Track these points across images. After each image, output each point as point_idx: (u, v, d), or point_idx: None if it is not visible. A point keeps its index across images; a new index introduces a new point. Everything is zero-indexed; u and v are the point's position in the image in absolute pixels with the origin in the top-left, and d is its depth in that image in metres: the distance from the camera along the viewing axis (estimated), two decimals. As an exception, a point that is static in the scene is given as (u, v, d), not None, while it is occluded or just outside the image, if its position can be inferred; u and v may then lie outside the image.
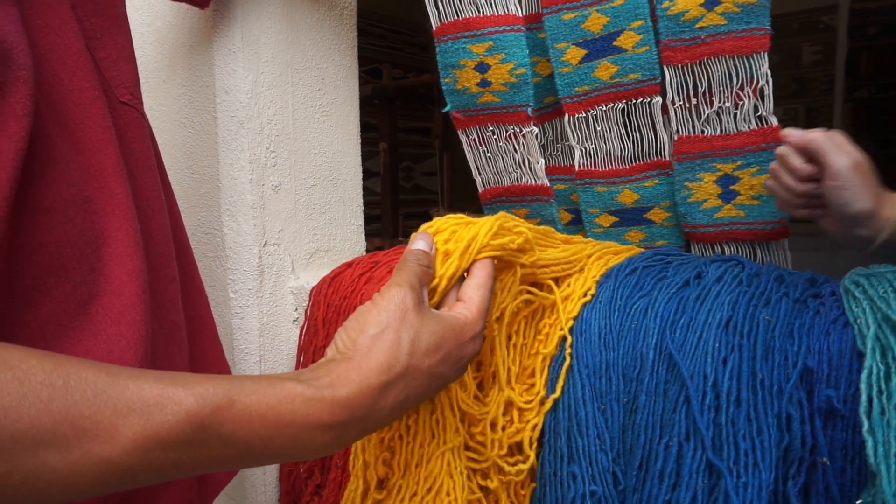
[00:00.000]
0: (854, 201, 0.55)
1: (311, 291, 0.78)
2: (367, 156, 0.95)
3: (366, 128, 0.91)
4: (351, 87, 0.90)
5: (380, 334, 0.41)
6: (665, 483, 0.44)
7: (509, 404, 0.54)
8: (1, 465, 0.28)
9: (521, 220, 0.55)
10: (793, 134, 0.60)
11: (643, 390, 0.48)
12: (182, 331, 0.57)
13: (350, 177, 0.89)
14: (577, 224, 0.82)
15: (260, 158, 0.78)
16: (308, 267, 0.85)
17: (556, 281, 0.57)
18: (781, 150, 0.61)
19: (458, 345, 0.45)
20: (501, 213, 0.52)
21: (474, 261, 0.48)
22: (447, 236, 0.50)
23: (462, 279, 0.49)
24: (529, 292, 0.55)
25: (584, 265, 0.59)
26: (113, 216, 0.48)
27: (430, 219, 0.52)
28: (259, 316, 0.80)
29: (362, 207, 0.90)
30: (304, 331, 0.77)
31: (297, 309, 0.82)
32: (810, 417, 0.42)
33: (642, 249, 0.68)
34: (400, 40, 4.31)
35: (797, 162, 0.59)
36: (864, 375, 0.39)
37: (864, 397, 0.38)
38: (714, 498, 0.41)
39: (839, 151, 0.56)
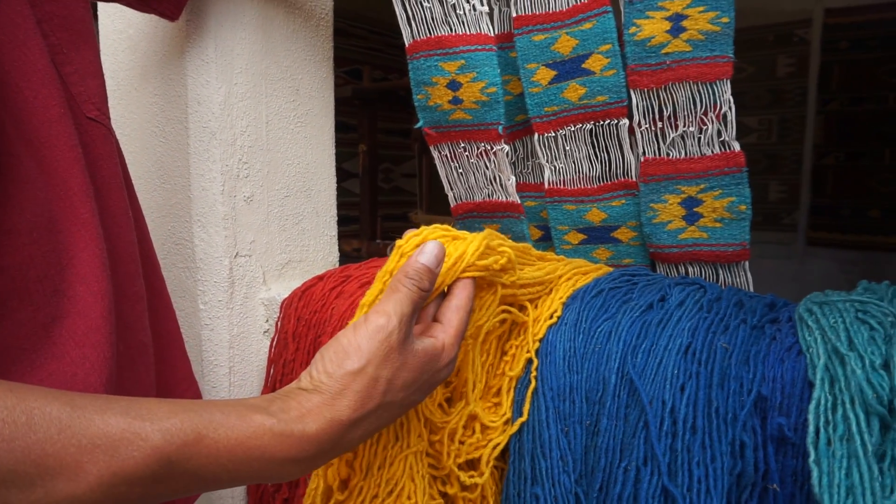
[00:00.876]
0: None
1: (282, 304, 0.78)
2: (345, 157, 0.95)
3: (345, 129, 0.91)
4: (326, 97, 0.90)
5: (359, 371, 0.41)
6: (622, 506, 0.46)
7: (472, 418, 0.54)
8: None
9: (505, 238, 0.56)
10: None
11: (605, 414, 0.49)
12: (149, 349, 0.57)
13: (324, 187, 0.89)
14: (546, 240, 0.83)
15: (232, 170, 0.78)
16: (280, 278, 0.85)
17: (533, 301, 0.58)
18: None
19: (434, 372, 0.45)
20: (488, 232, 0.52)
21: (457, 279, 0.49)
22: (432, 235, 0.50)
23: (443, 293, 0.49)
24: (507, 311, 0.56)
25: (553, 286, 0.60)
26: (78, 236, 0.48)
27: (408, 220, 0.53)
28: (229, 327, 0.80)
29: (336, 218, 0.91)
30: (275, 343, 0.77)
31: (267, 320, 0.82)
32: (763, 444, 0.43)
33: (612, 268, 0.69)
34: (381, 42, 4.29)
35: None
36: (812, 406, 0.40)
37: (811, 427, 0.40)
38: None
39: None
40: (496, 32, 0.76)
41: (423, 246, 0.46)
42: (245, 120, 0.79)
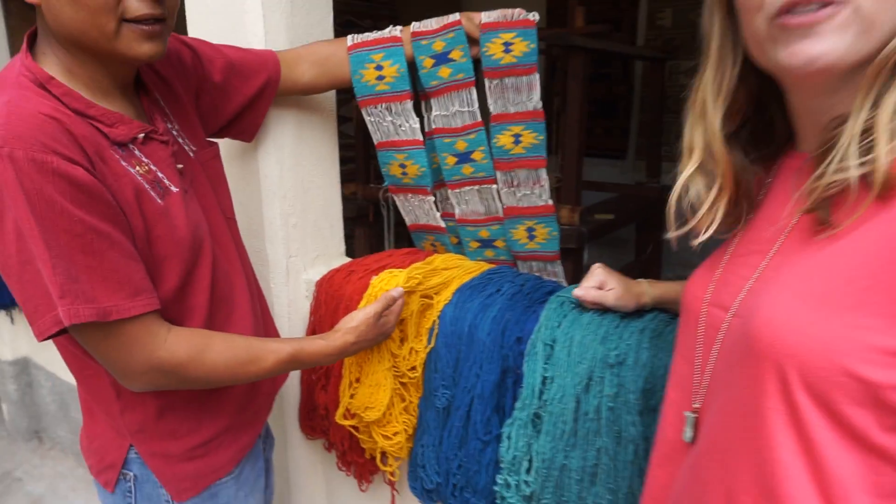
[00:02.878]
0: (625, 307, 1.05)
1: (316, 283, 1.44)
2: (342, 103, 1.51)
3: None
4: (332, 158, 1.51)
5: (355, 327, 1.09)
6: (466, 380, 1.14)
7: (411, 348, 1.22)
8: (238, 374, 0.97)
9: (425, 265, 1.21)
10: (586, 296, 1.04)
11: (463, 343, 1.16)
12: (267, 313, 1.24)
13: (335, 215, 1.53)
14: (459, 245, 1.48)
15: (285, 210, 1.42)
16: (313, 266, 1.51)
17: (438, 293, 1.24)
18: (578, 294, 1.05)
19: (385, 329, 1.13)
20: (413, 266, 1.18)
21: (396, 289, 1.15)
22: (386, 279, 1.16)
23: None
24: (426, 298, 1.22)
25: (450, 282, 1.26)
26: (235, 274, 1.13)
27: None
28: (287, 296, 1.46)
29: (342, 231, 1.55)
30: (312, 306, 1.44)
31: (307, 291, 1.48)
32: (517, 354, 1.10)
33: (489, 266, 1.34)
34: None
35: (591, 298, 1.05)
36: (530, 341, 1.07)
37: (529, 348, 1.07)
38: (474, 385, 1.11)
39: (607, 295, 1.03)
40: (424, 133, 1.37)
41: (392, 290, 1.14)
42: (291, 184, 1.42)
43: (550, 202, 1.33)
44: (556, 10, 5.04)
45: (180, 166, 1.01)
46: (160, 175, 0.96)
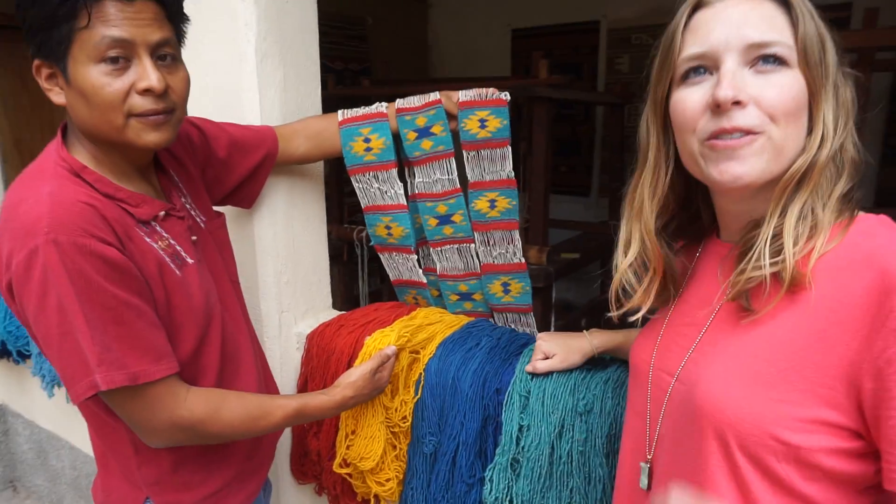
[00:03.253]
0: (573, 365, 1.18)
1: (307, 337, 1.54)
2: None
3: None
4: (320, 218, 1.63)
5: (352, 382, 1.20)
6: (451, 427, 1.25)
7: (402, 401, 1.33)
8: (250, 428, 1.07)
9: (410, 320, 1.33)
10: (537, 370, 1.17)
11: (448, 394, 1.28)
12: (266, 368, 1.34)
13: (323, 271, 1.65)
14: (440, 298, 1.61)
15: (278, 269, 1.53)
16: (303, 319, 1.61)
17: (425, 347, 1.36)
18: (530, 370, 1.19)
19: (379, 384, 1.24)
20: (400, 322, 1.30)
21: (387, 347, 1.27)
22: (378, 339, 1.28)
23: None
24: (414, 353, 1.34)
25: (434, 336, 1.38)
26: (241, 335, 1.23)
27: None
28: (280, 347, 1.57)
29: (329, 285, 1.66)
30: (304, 358, 1.54)
31: (298, 343, 1.59)
32: (495, 404, 1.22)
33: (469, 319, 1.47)
34: (342, 34, 4.87)
35: (542, 370, 1.17)
36: (508, 391, 1.20)
37: (507, 399, 1.19)
38: (459, 433, 1.22)
39: (553, 363, 1.17)
40: (408, 197, 1.50)
41: (386, 348, 1.25)
42: (283, 244, 1.53)
43: (523, 260, 1.46)
44: (520, 52, 5.28)
45: (194, 238, 1.12)
46: (178, 248, 1.07)
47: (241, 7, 1.36)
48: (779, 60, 0.69)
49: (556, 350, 1.17)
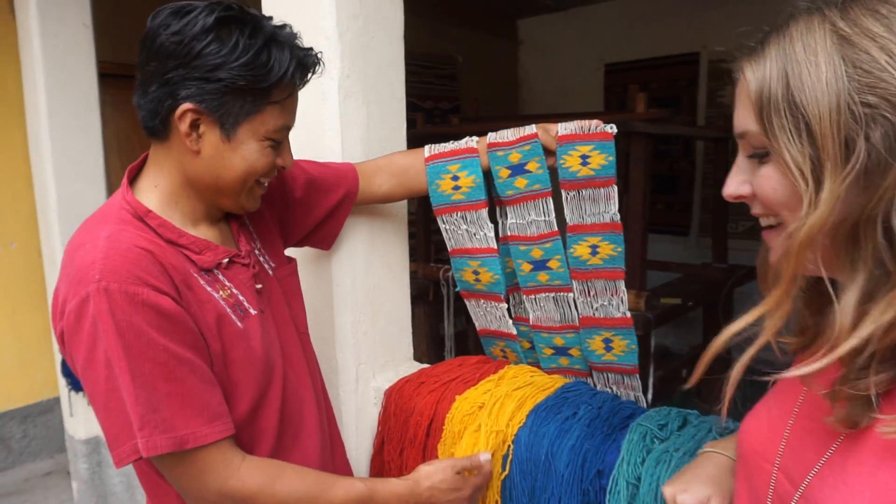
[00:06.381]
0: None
1: (385, 392, 1.41)
2: None
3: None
4: (403, 265, 1.51)
5: (425, 478, 1.05)
6: (545, 513, 1.08)
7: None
8: None
9: (499, 386, 1.17)
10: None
11: (539, 471, 1.10)
12: (335, 434, 1.21)
13: (404, 320, 1.52)
14: (532, 351, 1.44)
15: (357, 318, 1.41)
16: (381, 372, 1.48)
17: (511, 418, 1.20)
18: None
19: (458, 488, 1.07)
20: (482, 387, 1.14)
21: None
22: (472, 441, 1.13)
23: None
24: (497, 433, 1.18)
25: (524, 402, 1.21)
26: (305, 392, 1.11)
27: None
28: (356, 402, 1.44)
29: (411, 336, 1.53)
30: (381, 416, 1.41)
31: (375, 398, 1.46)
32: (597, 489, 1.04)
33: (563, 381, 1.29)
34: (432, 73, 4.87)
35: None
36: (612, 476, 1.01)
37: (611, 484, 1.00)
38: (555, 522, 1.04)
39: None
40: (500, 237, 1.36)
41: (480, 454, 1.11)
42: (362, 291, 1.41)
43: (629, 314, 1.28)
44: (614, 87, 5.09)
45: (259, 286, 1.03)
46: (241, 298, 0.98)
47: (326, 44, 1.27)
48: None
49: (702, 491, 0.81)
